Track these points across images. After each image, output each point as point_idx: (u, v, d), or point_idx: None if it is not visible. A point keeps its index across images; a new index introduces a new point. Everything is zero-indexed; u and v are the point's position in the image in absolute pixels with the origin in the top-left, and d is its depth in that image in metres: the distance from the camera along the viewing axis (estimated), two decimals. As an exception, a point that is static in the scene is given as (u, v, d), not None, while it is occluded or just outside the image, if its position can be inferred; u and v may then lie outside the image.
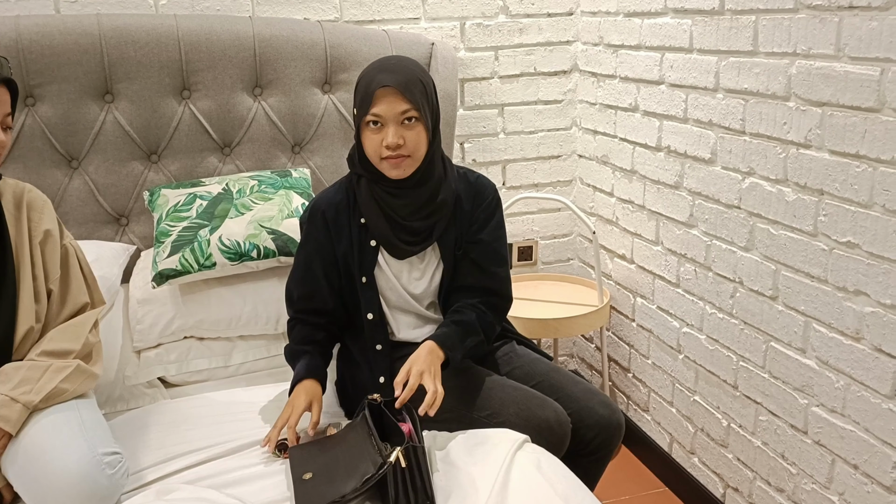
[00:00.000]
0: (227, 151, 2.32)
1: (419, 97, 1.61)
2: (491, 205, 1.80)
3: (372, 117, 1.60)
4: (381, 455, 1.41)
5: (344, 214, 1.74)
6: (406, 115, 1.60)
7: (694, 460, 2.34)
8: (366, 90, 1.61)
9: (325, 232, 1.74)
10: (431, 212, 1.71)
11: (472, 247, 1.78)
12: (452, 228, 1.76)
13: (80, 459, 1.39)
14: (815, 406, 1.81)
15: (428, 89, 1.66)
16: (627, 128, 2.47)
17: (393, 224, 1.71)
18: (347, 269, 1.76)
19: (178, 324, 1.97)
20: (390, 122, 1.60)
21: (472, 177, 1.81)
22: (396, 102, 1.59)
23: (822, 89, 1.68)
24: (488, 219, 1.79)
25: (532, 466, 1.50)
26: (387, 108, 1.59)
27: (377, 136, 1.61)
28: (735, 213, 2.00)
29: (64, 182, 2.18)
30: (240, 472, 1.55)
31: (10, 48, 2.04)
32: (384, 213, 1.70)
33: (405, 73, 1.61)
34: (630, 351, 2.62)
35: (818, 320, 1.77)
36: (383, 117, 1.60)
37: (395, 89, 1.58)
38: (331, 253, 1.75)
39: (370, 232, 1.73)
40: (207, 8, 2.33)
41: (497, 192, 1.82)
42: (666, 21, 2.19)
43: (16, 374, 1.50)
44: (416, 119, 1.61)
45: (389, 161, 1.63)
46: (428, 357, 1.61)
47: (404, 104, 1.59)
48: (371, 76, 1.62)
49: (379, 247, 1.74)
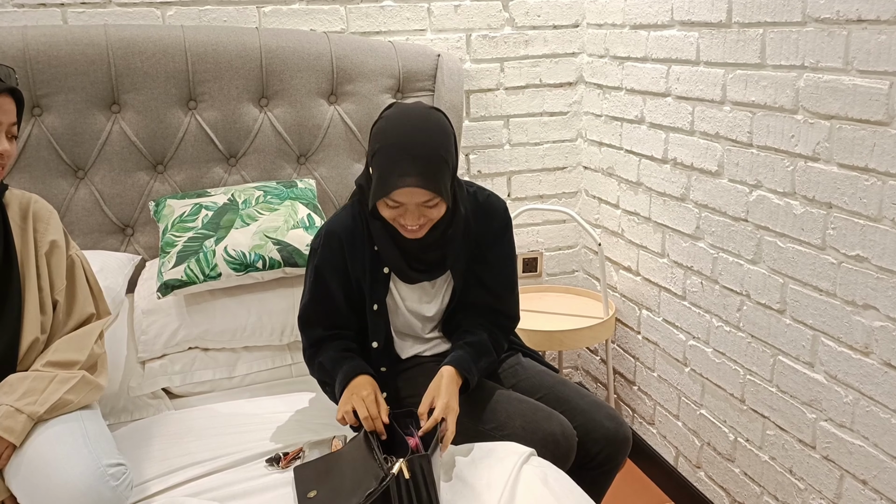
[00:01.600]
0: (232, 162, 2.32)
1: (442, 181, 1.53)
2: (500, 226, 1.76)
3: (392, 202, 1.54)
4: (383, 469, 1.40)
5: (358, 240, 1.70)
6: (427, 204, 1.54)
7: (700, 474, 2.32)
8: (385, 177, 1.51)
9: (341, 255, 1.70)
10: (443, 245, 1.69)
11: (482, 268, 1.76)
12: (462, 252, 1.74)
13: (85, 471, 1.39)
14: (824, 421, 1.80)
15: (450, 160, 1.56)
16: (633, 140, 2.46)
17: (406, 256, 1.69)
18: (360, 293, 1.74)
19: (183, 334, 1.96)
20: (411, 206, 1.54)
21: (481, 196, 1.76)
22: (418, 195, 1.52)
23: (831, 102, 1.67)
24: (498, 241, 1.77)
25: (538, 480, 1.49)
26: (408, 198, 1.52)
27: (395, 211, 1.56)
28: (742, 225, 2.00)
29: (70, 192, 2.18)
30: (243, 485, 1.54)
31: (18, 58, 2.05)
32: (397, 246, 1.68)
33: (428, 160, 1.51)
34: (636, 364, 2.60)
35: (827, 334, 1.76)
36: (404, 205, 1.54)
37: (419, 188, 1.50)
38: (347, 276, 1.72)
39: (383, 260, 1.71)
40: (214, 19, 2.34)
41: (507, 211, 1.79)
42: (672, 33, 2.19)
43: (20, 384, 1.49)
44: (438, 202, 1.56)
45: (404, 229, 1.60)
46: (450, 387, 1.61)
47: (426, 195, 1.52)
48: (392, 162, 1.51)
49: (391, 274, 1.73)
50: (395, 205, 1.54)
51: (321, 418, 1.82)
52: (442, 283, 1.77)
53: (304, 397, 1.92)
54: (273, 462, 1.61)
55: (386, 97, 2.40)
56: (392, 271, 1.71)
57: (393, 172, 1.50)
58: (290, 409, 1.85)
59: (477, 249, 1.76)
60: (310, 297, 1.74)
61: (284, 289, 2.05)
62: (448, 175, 1.56)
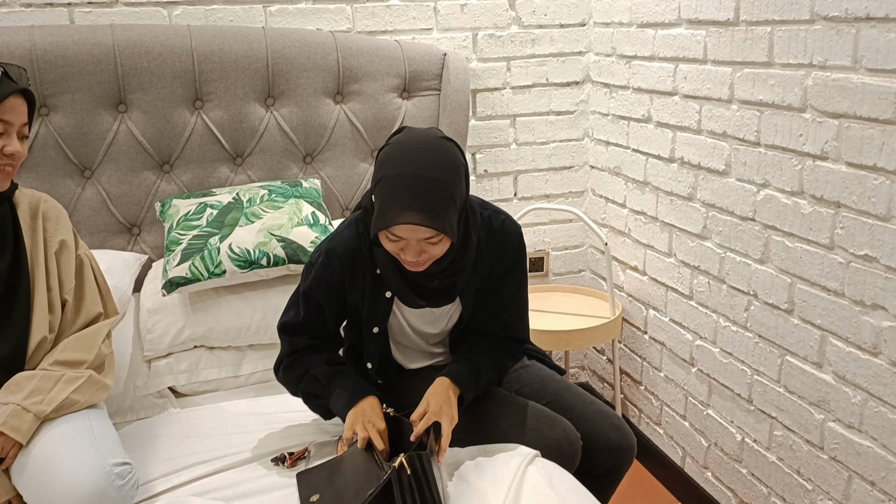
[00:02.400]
0: (238, 162, 2.32)
1: (447, 218, 1.44)
2: (514, 257, 1.69)
3: (393, 236, 1.46)
4: (383, 467, 1.39)
5: (359, 262, 1.63)
6: (430, 241, 1.46)
7: (707, 475, 2.31)
8: (387, 209, 1.43)
9: (340, 277, 1.63)
10: (452, 274, 1.60)
11: (493, 297, 1.71)
12: (473, 280, 1.67)
13: (91, 470, 1.39)
14: (832, 421, 1.79)
15: (457, 195, 1.47)
16: (640, 139, 2.45)
17: (410, 284, 1.61)
18: (356, 317, 1.70)
19: (189, 333, 1.96)
20: (412, 241, 1.46)
21: (496, 223, 1.66)
22: (420, 231, 1.44)
23: (839, 101, 1.66)
24: (511, 269, 1.70)
25: (543, 481, 1.49)
26: (409, 234, 1.44)
27: (396, 245, 1.48)
28: (749, 225, 1.99)
29: (77, 192, 2.19)
30: (248, 485, 1.54)
31: (25, 58, 2.05)
32: (401, 272, 1.60)
33: (433, 197, 1.42)
34: (642, 364, 2.60)
35: (835, 334, 1.75)
36: (406, 240, 1.46)
37: (421, 225, 1.41)
38: (342, 300, 1.66)
39: (385, 283, 1.63)
40: (221, 19, 2.34)
41: (522, 239, 1.70)
42: (680, 32, 2.18)
43: (28, 383, 1.50)
44: (441, 240, 1.47)
45: (405, 262, 1.52)
46: (444, 394, 1.58)
47: (429, 232, 1.44)
48: (394, 194, 1.42)
49: (393, 298, 1.66)
50: (396, 238, 1.46)
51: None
52: (449, 308, 1.72)
53: (310, 397, 1.92)
54: (278, 461, 1.61)
55: (392, 96, 2.40)
56: (394, 295, 1.65)
57: (394, 206, 1.41)
58: (295, 409, 1.85)
59: (489, 278, 1.69)
60: (300, 311, 1.66)
61: (289, 286, 2.04)
62: (454, 211, 1.47)
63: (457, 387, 1.61)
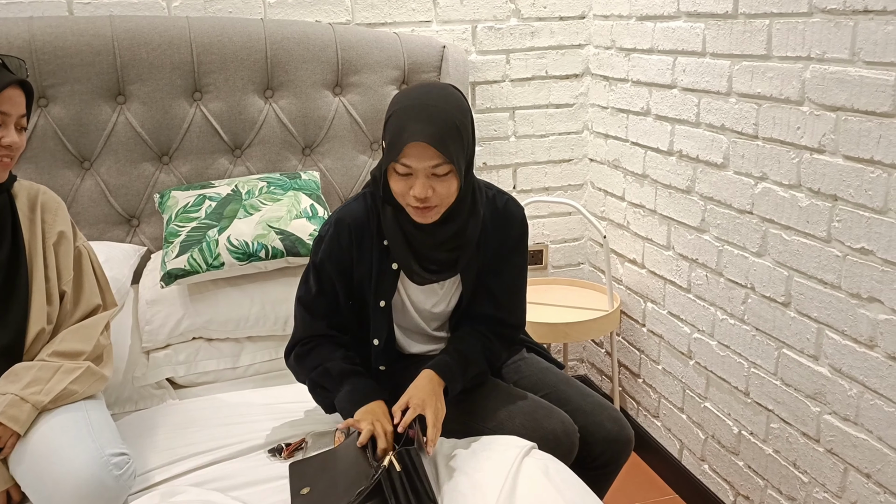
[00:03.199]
0: (237, 153, 2.32)
1: (453, 148, 1.49)
2: (516, 236, 1.72)
3: (402, 167, 1.50)
4: (373, 466, 1.39)
5: (368, 234, 1.65)
6: (437, 168, 1.49)
7: (704, 467, 2.32)
8: (397, 137, 1.49)
9: (349, 249, 1.65)
10: (457, 246, 1.63)
11: (492, 278, 1.71)
12: (476, 258, 1.69)
13: (88, 460, 1.40)
14: (828, 414, 1.79)
15: (464, 132, 1.53)
16: (639, 132, 2.45)
17: (416, 253, 1.62)
18: (361, 292, 1.69)
19: (187, 324, 1.97)
20: (420, 173, 1.49)
21: (500, 202, 1.71)
22: (428, 156, 1.48)
23: (837, 94, 1.66)
24: (513, 251, 1.72)
25: (540, 473, 1.49)
26: (417, 160, 1.48)
27: (405, 182, 1.52)
28: (747, 218, 1.99)
29: (76, 183, 2.19)
30: (246, 476, 1.55)
31: (24, 49, 2.05)
32: (408, 242, 1.62)
33: (440, 124, 1.48)
34: (640, 356, 2.60)
35: (831, 327, 1.75)
36: (413, 168, 1.49)
37: (428, 144, 1.47)
38: (350, 271, 1.67)
39: (392, 255, 1.65)
40: (219, 10, 2.34)
41: (525, 219, 1.74)
42: (679, 25, 2.18)
43: (26, 373, 1.50)
44: (447, 172, 1.51)
45: (413, 208, 1.54)
46: (428, 386, 1.57)
47: (436, 159, 1.48)
48: (403, 122, 1.49)
49: (399, 271, 1.67)
50: (405, 170, 1.50)
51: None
52: (451, 285, 1.72)
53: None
54: (276, 452, 1.62)
55: (391, 89, 2.40)
56: (401, 268, 1.66)
57: (403, 133, 1.48)
58: (293, 400, 1.86)
59: (491, 258, 1.70)
60: (312, 285, 1.68)
61: (287, 278, 2.05)
62: (460, 148, 1.52)
63: (442, 379, 1.61)
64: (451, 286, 1.73)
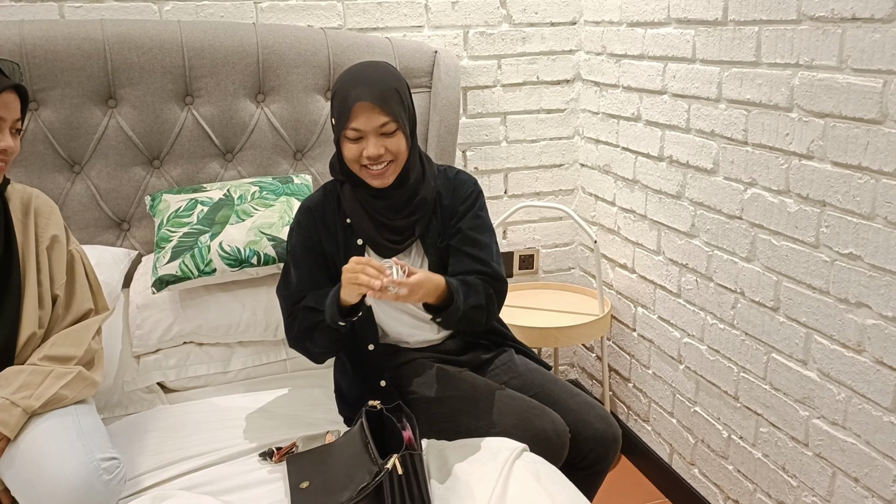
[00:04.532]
0: (228, 157, 2.32)
1: (396, 107, 1.63)
2: (470, 198, 1.80)
3: (352, 132, 1.63)
4: (377, 464, 1.40)
5: (330, 215, 1.76)
6: (385, 127, 1.62)
7: (694, 471, 2.33)
8: (343, 104, 1.63)
9: (316, 231, 1.75)
10: (412, 210, 1.74)
11: (459, 239, 1.79)
12: (434, 224, 1.78)
13: (78, 465, 1.39)
14: (816, 418, 1.81)
15: (403, 96, 1.67)
16: (630, 137, 2.47)
17: (377, 223, 1.73)
18: (335, 272, 1.74)
19: (178, 329, 1.96)
20: (370, 134, 1.62)
21: (451, 173, 1.83)
22: (374, 116, 1.61)
23: (825, 101, 1.68)
24: (467, 210, 1.80)
25: (530, 476, 1.49)
26: (365, 122, 1.61)
27: (357, 146, 1.64)
28: (737, 223, 2.00)
29: (66, 187, 2.19)
30: (236, 479, 1.55)
31: (14, 53, 2.05)
32: (368, 214, 1.73)
33: (380, 85, 1.62)
34: (631, 361, 2.61)
35: (819, 332, 1.77)
36: (363, 130, 1.62)
37: (373, 104, 1.60)
38: (321, 248, 1.76)
39: (355, 231, 1.74)
40: (211, 14, 2.34)
41: (477, 185, 1.83)
42: (669, 31, 2.20)
43: (17, 378, 1.50)
44: (395, 129, 1.64)
45: (370, 172, 1.66)
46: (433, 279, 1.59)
47: (383, 117, 1.62)
48: (346, 90, 1.63)
49: (365, 245, 1.75)
50: (355, 134, 1.62)
51: (315, 413, 1.83)
52: (416, 256, 1.79)
53: (299, 393, 1.93)
54: (266, 456, 1.62)
55: (383, 93, 2.40)
56: (365, 242, 1.74)
57: (348, 97, 1.61)
58: (283, 404, 1.86)
59: (451, 221, 1.79)
60: (292, 275, 1.74)
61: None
62: (402, 109, 1.65)
63: (448, 288, 1.62)
64: (416, 258, 1.79)
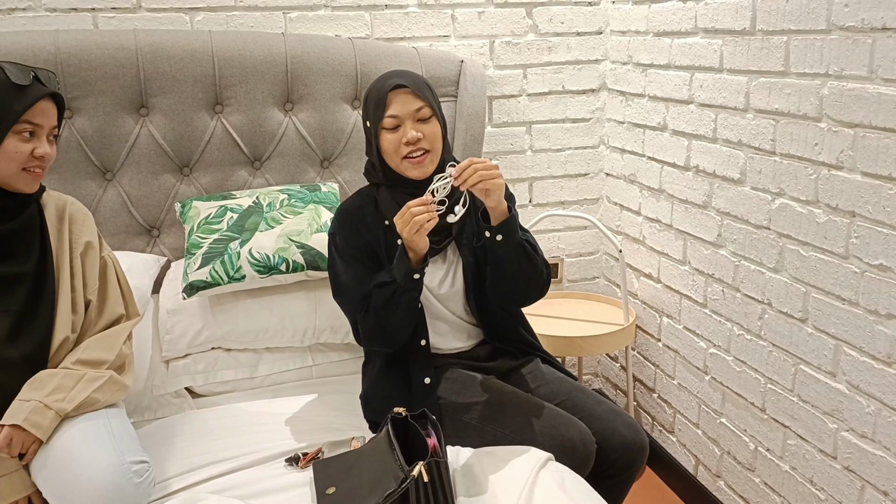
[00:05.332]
0: (257, 165, 2.34)
1: (429, 96, 1.70)
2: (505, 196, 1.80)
3: (389, 120, 1.67)
4: (403, 470, 1.41)
5: (369, 217, 1.78)
6: (420, 112, 1.68)
7: (720, 484, 2.31)
8: (378, 96, 1.69)
9: (358, 227, 1.77)
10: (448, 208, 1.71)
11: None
12: (468, 225, 1.81)
13: (109, 467, 1.41)
14: (845, 431, 1.79)
15: (434, 92, 1.74)
16: (656, 147, 2.46)
17: None
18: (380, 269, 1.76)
19: (207, 335, 1.99)
20: (406, 119, 1.67)
21: None
22: (410, 101, 1.67)
23: (855, 110, 1.67)
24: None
25: (556, 485, 1.49)
26: (402, 107, 1.67)
27: (395, 135, 1.68)
28: (764, 233, 1.99)
29: (98, 193, 2.22)
30: (264, 484, 1.56)
31: (49, 62, 2.09)
32: None
33: (412, 76, 1.71)
34: (656, 371, 2.60)
35: (849, 343, 1.75)
36: (400, 117, 1.67)
37: (408, 89, 1.67)
38: (368, 249, 1.77)
39: (395, 232, 1.73)
40: (241, 24, 2.37)
41: (509, 190, 1.84)
42: (696, 41, 2.19)
43: (50, 381, 1.52)
44: (430, 115, 1.69)
45: (410, 161, 1.69)
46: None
47: (418, 102, 1.67)
48: (380, 84, 1.71)
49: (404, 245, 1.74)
50: (393, 122, 1.67)
51: (341, 419, 1.84)
52: (452, 258, 1.80)
53: (324, 399, 1.94)
54: (292, 462, 1.63)
55: (409, 102, 2.42)
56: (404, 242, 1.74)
57: (383, 88, 1.68)
58: (310, 410, 1.87)
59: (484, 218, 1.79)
60: (341, 277, 1.75)
61: (307, 291, 2.07)
62: (434, 99, 1.71)
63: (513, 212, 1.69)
64: (452, 257, 1.80)
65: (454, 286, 1.81)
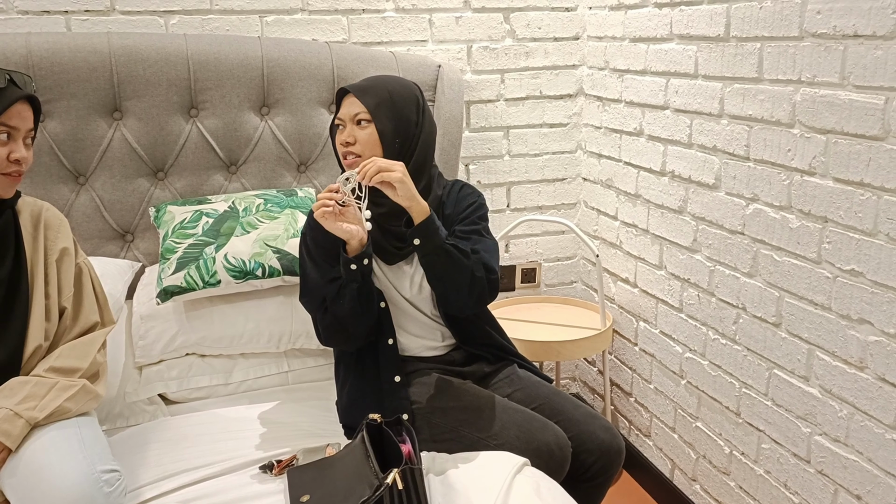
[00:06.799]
0: (233, 170, 2.33)
1: (375, 103, 1.70)
2: (471, 207, 1.82)
3: (337, 121, 1.74)
4: (378, 477, 1.40)
5: None
6: (358, 117, 1.70)
7: (696, 487, 2.32)
8: (337, 98, 1.76)
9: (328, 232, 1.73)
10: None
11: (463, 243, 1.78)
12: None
13: (78, 476, 1.39)
14: (818, 435, 1.80)
15: (396, 101, 1.72)
16: (632, 152, 2.47)
17: (383, 230, 1.76)
18: None
19: (181, 340, 1.97)
20: (347, 122, 1.72)
21: (458, 186, 1.86)
22: (352, 105, 1.71)
23: (827, 117, 1.68)
24: (466, 217, 1.81)
25: (531, 490, 1.49)
26: (345, 110, 1.72)
27: (341, 135, 1.73)
28: (739, 238, 2.00)
29: (70, 198, 2.19)
30: (237, 492, 1.55)
31: (21, 64, 2.06)
32: (374, 220, 1.72)
33: (371, 84, 1.73)
34: (632, 375, 2.61)
35: (822, 348, 1.77)
36: (342, 119, 1.73)
37: (352, 94, 1.71)
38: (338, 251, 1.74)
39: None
40: (217, 28, 2.36)
41: (482, 197, 1.86)
42: (671, 47, 2.21)
43: (21, 389, 1.50)
44: (366, 122, 1.69)
45: (346, 163, 1.72)
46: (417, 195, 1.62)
47: (358, 107, 1.70)
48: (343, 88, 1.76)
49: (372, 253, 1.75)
50: (339, 122, 1.73)
51: (316, 426, 1.83)
52: (418, 263, 1.79)
53: (300, 405, 1.93)
54: (267, 469, 1.62)
55: (386, 107, 2.41)
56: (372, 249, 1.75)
57: (340, 92, 1.75)
58: (285, 417, 1.86)
59: (452, 224, 1.81)
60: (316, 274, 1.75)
61: (283, 297, 2.06)
62: (389, 112, 1.69)
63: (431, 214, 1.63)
64: (418, 264, 1.80)
65: (422, 292, 1.81)
